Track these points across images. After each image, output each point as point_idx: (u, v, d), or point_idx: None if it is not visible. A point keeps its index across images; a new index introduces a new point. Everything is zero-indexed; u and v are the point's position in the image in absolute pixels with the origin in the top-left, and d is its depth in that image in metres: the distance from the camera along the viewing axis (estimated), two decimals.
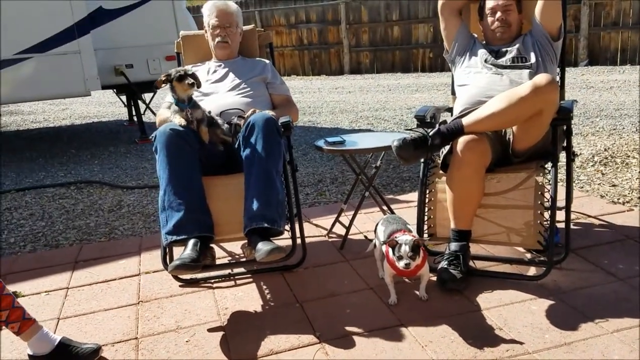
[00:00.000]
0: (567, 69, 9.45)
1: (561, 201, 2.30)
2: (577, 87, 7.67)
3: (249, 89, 2.66)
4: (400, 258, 1.98)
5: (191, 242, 2.11)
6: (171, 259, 2.31)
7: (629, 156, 3.82)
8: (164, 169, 2.22)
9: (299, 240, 2.43)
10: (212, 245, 2.26)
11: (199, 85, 2.41)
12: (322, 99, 8.73)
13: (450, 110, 2.68)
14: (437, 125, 2.29)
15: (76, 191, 4.21)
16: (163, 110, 2.56)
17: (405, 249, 1.97)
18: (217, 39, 2.75)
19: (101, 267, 2.70)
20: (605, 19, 10.12)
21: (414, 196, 2.93)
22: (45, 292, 2.45)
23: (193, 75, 2.37)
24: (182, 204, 2.17)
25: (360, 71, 12.78)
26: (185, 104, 2.35)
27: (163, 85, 2.36)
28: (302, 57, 13.55)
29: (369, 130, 5.75)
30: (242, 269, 2.51)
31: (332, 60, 13.14)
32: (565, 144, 2.36)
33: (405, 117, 6.37)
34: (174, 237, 2.15)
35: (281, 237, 2.28)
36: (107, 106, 9.91)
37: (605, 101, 6.35)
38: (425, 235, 2.41)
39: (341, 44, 12.84)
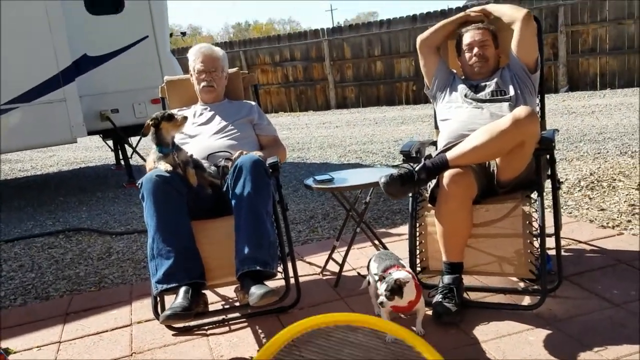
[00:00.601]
0: (548, 95, 9.72)
1: (550, 228, 2.32)
2: (559, 113, 7.80)
3: (235, 130, 2.68)
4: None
5: (182, 289, 2.09)
6: (163, 308, 2.28)
7: (614, 179, 3.87)
8: (152, 216, 2.21)
9: (292, 280, 2.41)
10: (204, 291, 2.24)
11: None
12: (310, 135, 8.80)
13: (434, 143, 2.71)
14: (423, 160, 2.32)
15: (65, 239, 4.17)
16: (151, 157, 2.56)
17: (382, 287, 1.98)
18: (202, 84, 2.78)
19: (92, 318, 2.65)
20: (582, 46, 10.40)
21: (405, 229, 2.93)
22: (37, 347, 2.40)
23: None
24: (171, 251, 2.15)
25: (347, 105, 12.95)
26: (170, 148, 2.35)
27: (152, 129, 2.34)
28: (288, 94, 13.72)
29: (358, 164, 5.79)
30: (236, 314, 2.47)
31: (318, 95, 13.31)
32: (549, 173, 2.39)
33: (392, 150, 6.42)
34: (165, 286, 2.13)
35: (275, 278, 2.27)
36: (94, 151, 9.90)
37: (588, 126, 6.45)
38: (418, 269, 2.41)
39: (326, 80, 13.03)
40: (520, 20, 2.46)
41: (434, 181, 2.33)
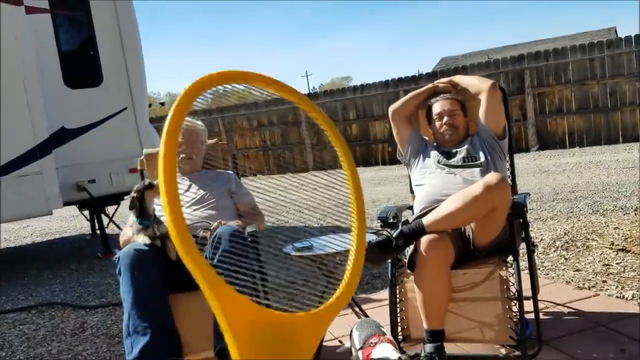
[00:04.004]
0: (520, 154, 9.98)
1: (527, 291, 2.33)
2: (531, 172, 8.00)
3: (213, 200, 2.69)
4: None
5: None
6: None
7: (588, 239, 3.94)
8: (129, 291, 2.18)
9: None
10: None
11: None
12: (288, 197, 8.80)
13: (411, 208, 2.76)
14: (400, 226, 2.35)
15: (37, 315, 4.04)
16: (127, 229, 2.54)
17: None
18: (181, 155, 2.81)
19: None
20: (549, 107, 10.81)
21: (385, 294, 2.92)
22: None
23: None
24: (148, 328, 2.11)
25: (324, 167, 13.10)
26: (151, 221, 2.35)
27: (137, 202, 2.34)
28: (266, 157, 13.86)
29: (338, 228, 5.78)
30: None
31: (296, 158, 13.48)
32: (524, 236, 2.44)
33: (371, 211, 6.45)
34: None
35: None
36: (69, 220, 9.74)
37: (560, 184, 6.61)
38: (400, 338, 2.39)
39: (303, 143, 13.23)
40: (486, 91, 2.58)
41: (411, 247, 2.35)
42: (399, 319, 2.41)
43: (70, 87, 5.80)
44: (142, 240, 2.29)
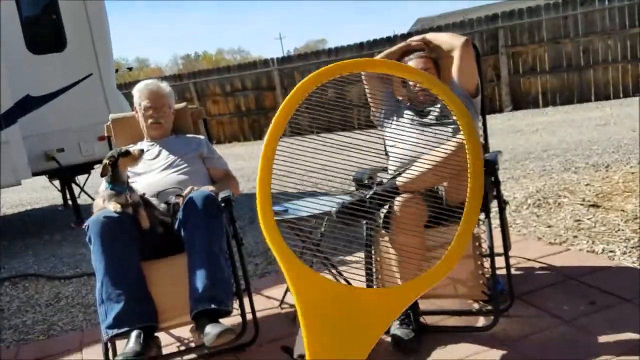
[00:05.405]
0: (494, 115, 10.04)
1: (499, 248, 2.37)
2: (504, 132, 8.06)
3: (184, 166, 2.65)
4: None
5: (134, 334, 2.03)
6: (114, 354, 2.19)
7: (560, 196, 4.00)
8: (100, 259, 2.15)
9: (249, 316, 2.37)
10: (157, 334, 2.17)
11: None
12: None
13: (385, 170, 2.75)
14: (374, 187, 2.35)
15: (11, 287, 3.99)
16: (99, 199, 2.49)
17: None
18: (149, 120, 2.74)
19: None
20: (523, 66, 10.83)
21: (361, 255, 2.93)
22: None
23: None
24: (121, 295, 2.09)
25: (300, 132, 13.02)
26: (124, 187, 2.30)
27: (110, 168, 2.28)
28: (241, 124, 13.69)
29: (314, 192, 5.79)
30: (192, 355, 2.40)
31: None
32: (495, 194, 2.46)
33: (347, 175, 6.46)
34: (115, 331, 2.06)
35: (231, 315, 2.23)
36: (40, 191, 9.56)
37: (533, 143, 6.68)
38: None
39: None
40: (459, 48, 2.55)
41: (386, 207, 2.36)
42: (374, 279, 2.43)
43: (33, 53, 5.61)
44: (113, 207, 2.25)
